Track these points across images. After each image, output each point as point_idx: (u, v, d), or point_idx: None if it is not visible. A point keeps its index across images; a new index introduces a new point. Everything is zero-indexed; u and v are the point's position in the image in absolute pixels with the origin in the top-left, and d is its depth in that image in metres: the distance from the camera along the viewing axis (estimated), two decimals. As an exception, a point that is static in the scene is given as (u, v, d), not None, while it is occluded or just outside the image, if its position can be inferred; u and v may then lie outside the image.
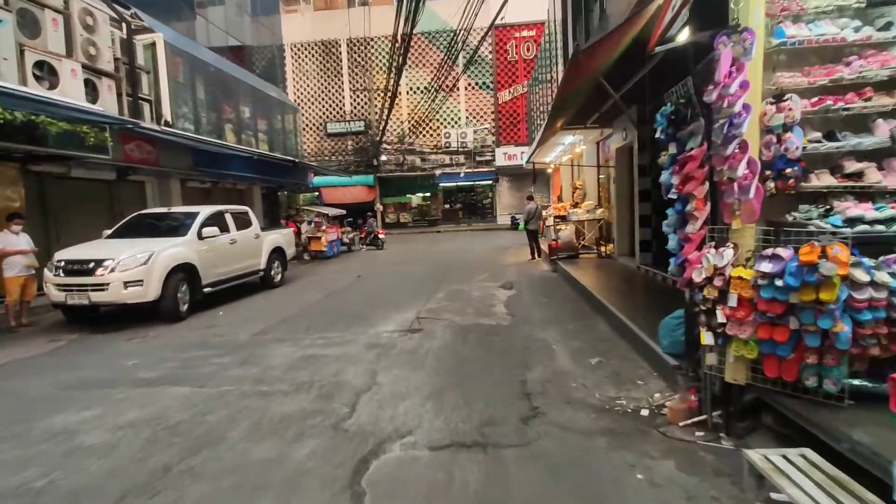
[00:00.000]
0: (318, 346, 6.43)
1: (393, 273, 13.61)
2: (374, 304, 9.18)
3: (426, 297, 9.60)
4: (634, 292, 7.97)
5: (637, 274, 9.15)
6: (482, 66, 31.33)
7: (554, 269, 11.68)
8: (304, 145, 31.62)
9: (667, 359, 4.46)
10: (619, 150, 10.65)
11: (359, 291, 10.78)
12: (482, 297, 9.36)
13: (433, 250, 19.63)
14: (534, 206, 13.98)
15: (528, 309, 8.08)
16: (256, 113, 17.66)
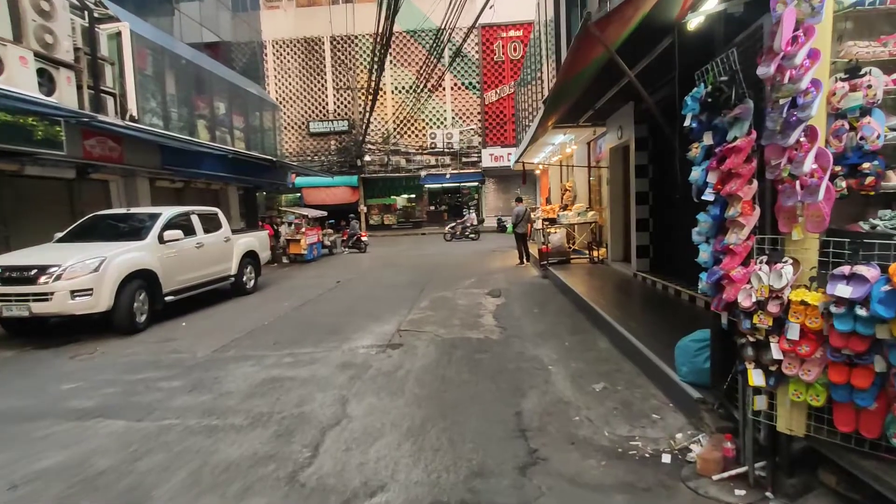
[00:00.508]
0: (285, 366, 5.66)
1: (374, 278, 12.84)
2: (351, 313, 8.43)
3: (409, 305, 8.86)
4: (634, 303, 7.32)
5: (634, 282, 8.51)
6: (468, 66, 30.69)
7: (544, 275, 11.02)
8: (285, 145, 30.70)
9: (686, 388, 3.78)
10: (613, 149, 10.03)
11: (336, 299, 10.00)
12: (469, 306, 8.65)
13: (417, 253, 18.88)
14: (522, 208, 13.32)
15: (519, 321, 7.38)
16: (233, 109, 16.77)
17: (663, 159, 8.23)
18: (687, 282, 7.18)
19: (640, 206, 8.55)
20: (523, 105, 20.95)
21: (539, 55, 15.30)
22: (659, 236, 8.44)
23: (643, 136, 8.48)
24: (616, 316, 6.17)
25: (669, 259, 8.15)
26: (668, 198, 8.10)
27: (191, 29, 16.19)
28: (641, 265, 8.63)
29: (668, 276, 7.88)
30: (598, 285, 8.55)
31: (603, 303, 7.01)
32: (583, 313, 7.38)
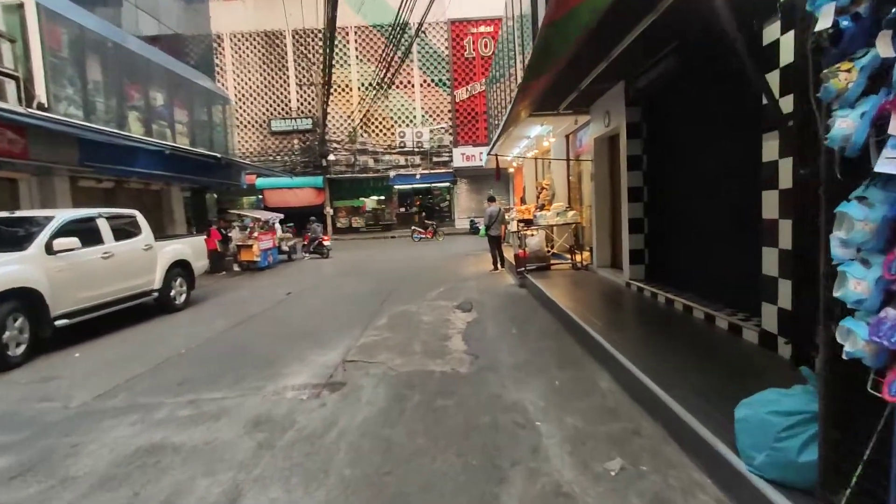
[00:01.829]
0: (177, 424, 4.10)
1: (331, 289, 11.26)
2: (293, 336, 6.88)
3: (363, 324, 7.35)
4: (635, 323, 5.95)
5: (628, 293, 7.18)
6: (438, 63, 29.27)
7: (521, 284, 9.63)
8: (246, 144, 28.78)
9: (762, 487, 2.37)
10: (599, 140, 8.71)
11: (280, 317, 8.42)
12: (434, 323, 7.18)
13: (384, 258, 17.33)
14: (496, 208, 11.93)
15: (494, 344, 5.95)
16: (174, 101, 14.94)
17: (660, 147, 6.93)
18: (696, 295, 5.87)
19: (633, 205, 7.23)
20: (495, 103, 19.61)
21: (510, 51, 13.95)
22: (655, 239, 7.14)
23: (635, 122, 7.16)
24: (617, 342, 4.79)
25: (668, 266, 6.85)
26: (666, 193, 6.80)
27: (127, 12, 14.33)
28: (635, 273, 7.31)
29: (670, 286, 6.58)
30: (585, 298, 7.19)
31: (596, 322, 5.63)
32: (572, 335, 5.99)
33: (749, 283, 4.63)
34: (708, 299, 5.63)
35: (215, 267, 14.85)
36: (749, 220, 4.65)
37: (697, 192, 5.93)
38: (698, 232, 5.94)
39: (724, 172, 5.25)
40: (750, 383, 3.07)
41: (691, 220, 6.15)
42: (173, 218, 15.92)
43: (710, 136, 5.59)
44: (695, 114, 5.94)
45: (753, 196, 4.43)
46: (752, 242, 4.53)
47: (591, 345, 5.21)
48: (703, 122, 5.72)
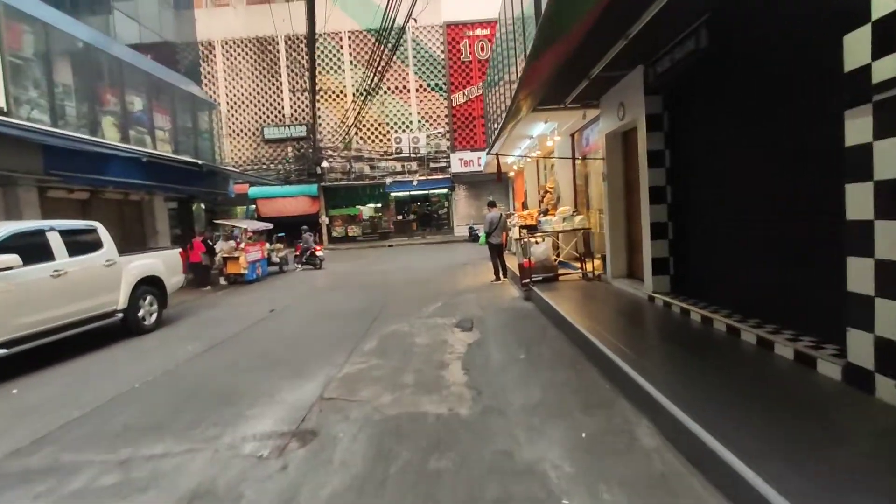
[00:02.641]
0: (93, 498, 3.13)
1: (319, 304, 10.28)
2: (267, 364, 5.93)
3: (349, 348, 6.39)
4: (674, 350, 4.88)
5: (653, 310, 6.19)
6: (434, 67, 28.44)
7: (527, 296, 8.67)
8: (238, 153, 27.91)
9: None
10: (611, 136, 7.77)
11: (257, 339, 7.44)
12: (430, 347, 6.21)
13: (379, 269, 16.37)
14: (496, 214, 10.97)
15: (499, 375, 4.97)
16: (154, 106, 14.04)
17: (686, 141, 5.99)
18: (738, 311, 4.91)
19: (655, 207, 6.28)
20: (493, 106, 18.72)
21: (506, 55, 13.05)
22: (682, 246, 6.19)
23: (656, 113, 6.23)
24: (653, 376, 3.83)
25: (699, 276, 5.90)
26: (695, 192, 5.86)
27: (103, 12, 13.45)
28: (659, 285, 6.34)
29: (702, 300, 5.63)
30: (603, 315, 6.22)
31: (623, 348, 4.66)
32: (593, 363, 5.01)
33: (818, 300, 3.69)
34: (756, 318, 4.68)
35: (201, 281, 13.92)
36: (816, 220, 3.71)
37: (739, 189, 4.99)
38: (740, 236, 5.00)
39: (778, 164, 4.31)
40: (860, 442, 2.15)
41: (731, 223, 5.20)
42: (156, 230, 14.98)
43: (754, 122, 4.65)
44: (732, 97, 5.01)
45: (822, 191, 3.49)
46: (824, 248, 3.58)
47: (619, 378, 4.24)
48: (744, 106, 4.79)
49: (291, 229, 21.82)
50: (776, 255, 4.45)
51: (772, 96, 4.37)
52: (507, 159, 14.80)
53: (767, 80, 4.41)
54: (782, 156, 4.26)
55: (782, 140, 4.26)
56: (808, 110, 3.89)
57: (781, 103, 4.24)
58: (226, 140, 27.99)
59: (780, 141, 4.30)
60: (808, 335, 4.02)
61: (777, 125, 4.33)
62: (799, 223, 4.07)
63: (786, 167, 4.22)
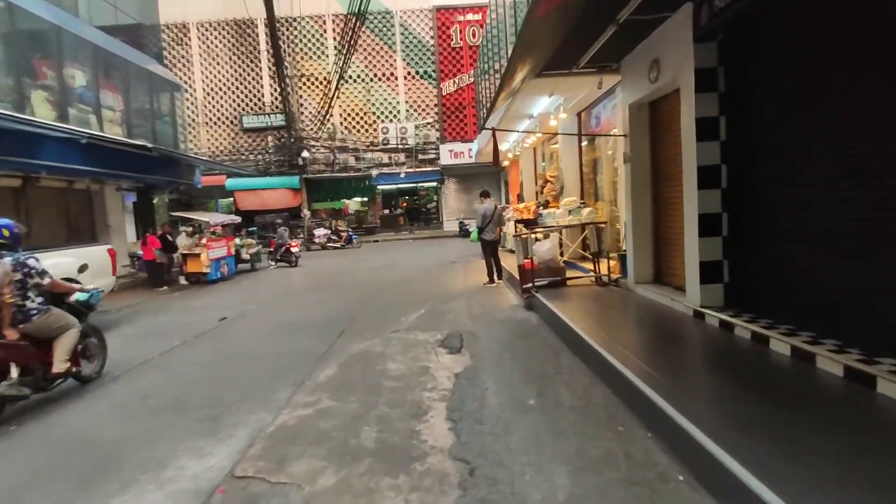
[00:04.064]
0: None
1: (283, 310, 8.60)
2: (179, 407, 4.28)
3: (298, 378, 4.74)
4: (773, 407, 3.14)
5: (703, 330, 4.54)
6: (423, 53, 26.65)
7: (529, 305, 7.04)
8: (216, 142, 25.99)
9: None
10: (637, 107, 6.13)
11: (185, 363, 5.75)
12: (405, 378, 4.57)
13: (359, 267, 14.67)
14: (490, 206, 9.33)
15: (501, 440, 3.32)
16: (103, 83, 12.19)
17: (749, 104, 4.38)
18: (832, 335, 3.32)
19: (705, 193, 4.65)
20: (485, 96, 17.03)
21: (499, 37, 11.37)
22: (741, 245, 4.58)
23: (709, 67, 4.59)
24: (769, 466, 2.21)
25: (766, 286, 4.30)
26: (762, 174, 4.25)
27: None
28: (710, 296, 4.72)
29: (774, 320, 4.03)
30: (640, 340, 4.58)
31: (693, 404, 3.04)
32: (643, 420, 3.36)
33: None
34: (860, 346, 3.10)
35: (155, 281, 12.15)
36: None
37: (833, 169, 3.41)
38: (837, 233, 3.41)
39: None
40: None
41: (817, 216, 3.62)
42: (107, 223, 13.16)
43: (860, 77, 3.05)
44: (826, 43, 3.41)
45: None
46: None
47: (699, 458, 2.61)
48: (844, 54, 3.19)
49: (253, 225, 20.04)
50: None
51: (887, 40, 2.77)
52: (503, 144, 13.13)
53: (883, 14, 2.81)
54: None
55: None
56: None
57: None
58: (202, 129, 26.09)
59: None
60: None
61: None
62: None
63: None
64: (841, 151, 3.49)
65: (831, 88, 3.54)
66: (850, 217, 3.42)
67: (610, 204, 8.60)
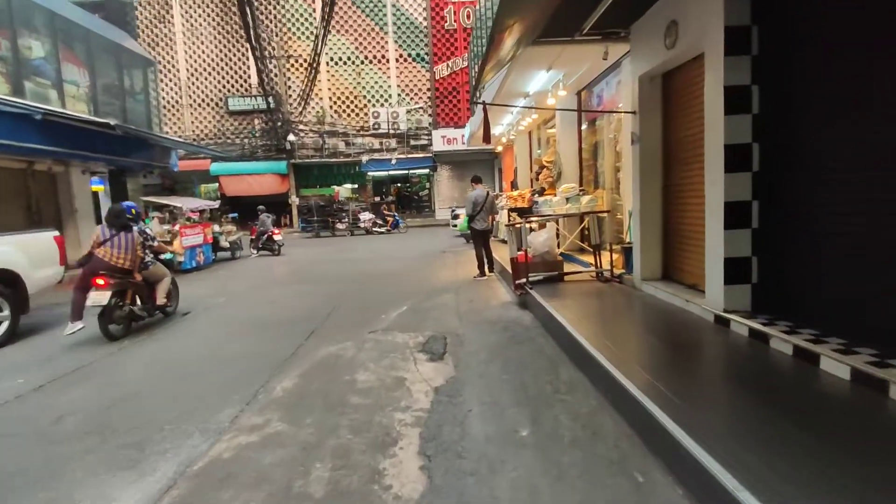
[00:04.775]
0: None
1: (254, 304, 7.84)
2: (97, 429, 3.53)
3: (250, 391, 4.00)
4: (832, 451, 2.46)
5: (729, 339, 3.80)
6: (415, 35, 25.63)
7: (522, 303, 6.31)
8: (200, 125, 24.96)
9: None
10: (648, 79, 5.36)
11: (129, 367, 4.98)
12: (374, 395, 3.83)
13: (346, 257, 13.89)
14: (482, 192, 8.56)
15: (487, 484, 2.59)
16: (65, 56, 11.23)
17: (789, 70, 3.62)
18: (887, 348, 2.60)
19: (733, 177, 3.90)
20: (477, 79, 16.15)
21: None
22: (775, 239, 3.85)
23: (741, 25, 3.82)
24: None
25: (805, 287, 3.58)
26: (805, 154, 3.51)
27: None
28: (735, 298, 3.99)
29: (814, 328, 3.33)
30: (655, 351, 3.83)
31: (729, 445, 2.32)
32: (666, 462, 2.65)
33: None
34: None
35: (122, 270, 11.27)
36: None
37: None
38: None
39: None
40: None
41: (878, 206, 2.89)
42: (73, 207, 12.27)
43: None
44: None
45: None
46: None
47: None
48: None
49: (267, 208, 19.13)
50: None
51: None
52: (496, 128, 12.32)
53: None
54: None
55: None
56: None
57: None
58: (186, 111, 25.03)
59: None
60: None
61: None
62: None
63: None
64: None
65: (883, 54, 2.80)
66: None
67: (611, 191, 7.86)
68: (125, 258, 5.92)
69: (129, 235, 5.99)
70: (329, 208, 22.05)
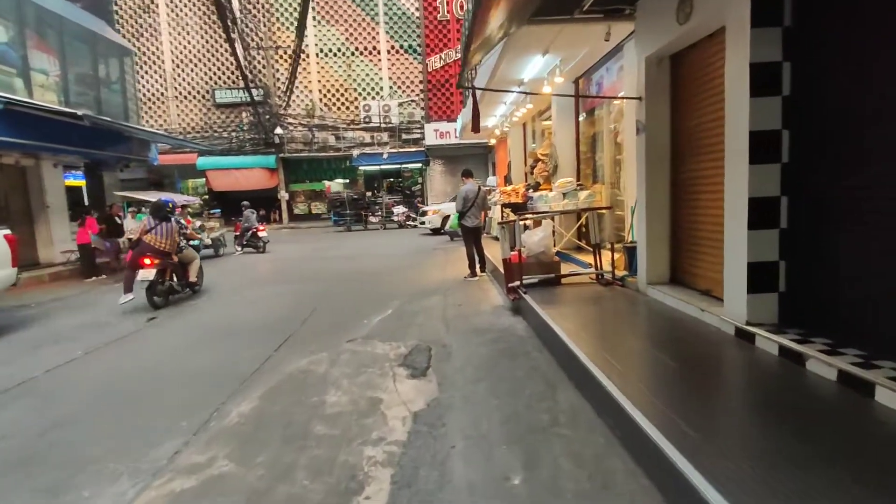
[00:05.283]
0: None
1: (226, 308, 7.26)
2: (15, 469, 2.93)
3: (202, 418, 3.45)
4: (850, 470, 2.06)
5: (753, 357, 3.25)
6: (407, 26, 24.91)
7: (516, 308, 5.76)
8: (186, 118, 24.20)
9: None
10: (655, 60, 4.79)
11: (67, 391, 4.38)
12: (344, 420, 3.28)
13: (334, 254, 13.29)
14: (473, 187, 7.99)
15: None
16: (33, 42, 10.54)
17: (831, 42, 3.07)
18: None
19: (759, 169, 3.35)
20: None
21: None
22: (807, 241, 3.30)
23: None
24: None
25: (840, 296, 3.05)
26: (849, 140, 2.96)
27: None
28: (760, 309, 3.44)
29: (872, 352, 2.79)
30: (671, 376, 3.24)
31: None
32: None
33: None
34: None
35: (88, 270, 10.63)
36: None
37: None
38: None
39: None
40: None
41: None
42: (45, 203, 11.61)
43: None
44: None
45: None
46: None
47: None
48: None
49: (253, 204, 18.44)
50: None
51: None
52: (488, 119, 11.72)
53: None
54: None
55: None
56: None
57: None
58: (171, 103, 24.25)
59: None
60: None
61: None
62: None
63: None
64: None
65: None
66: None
67: (611, 186, 7.30)
68: (166, 243, 7.20)
69: (169, 225, 7.32)
70: (361, 202, 21.65)
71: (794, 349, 3.02)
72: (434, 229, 17.02)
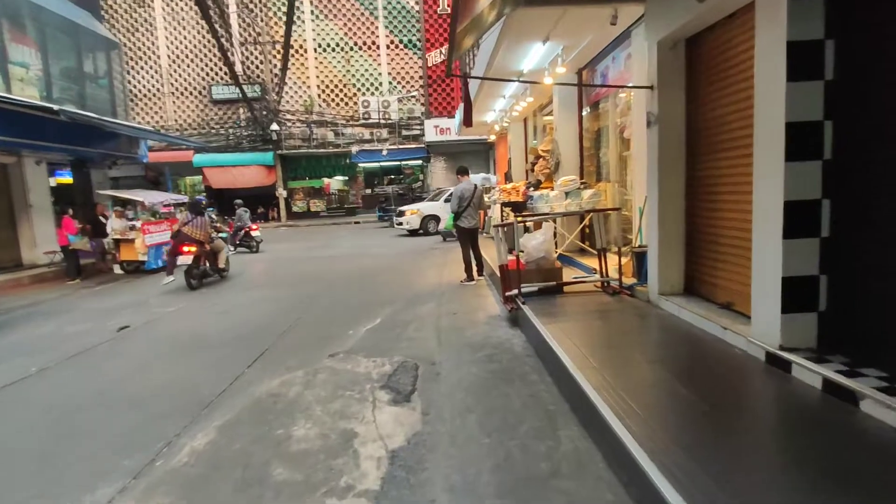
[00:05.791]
0: None
1: (204, 315, 6.78)
2: None
3: (146, 456, 2.97)
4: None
5: (794, 393, 2.77)
6: (407, 20, 24.33)
7: (513, 320, 5.25)
8: (183, 115, 23.72)
9: None
10: (668, 44, 4.27)
11: (7, 419, 3.92)
12: (311, 460, 2.79)
13: (328, 254, 12.79)
14: (469, 185, 7.47)
15: None
16: (12, 35, 10.05)
17: (886, 14, 2.55)
18: None
19: (795, 167, 2.85)
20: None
21: None
22: (849, 252, 2.79)
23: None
24: None
25: (887, 318, 2.54)
26: (891, 134, 2.43)
27: None
28: (795, 331, 2.94)
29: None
30: (695, 416, 2.71)
31: None
32: None
33: None
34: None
35: (71, 270, 10.18)
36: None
37: None
38: None
39: None
40: None
41: None
42: (28, 202, 11.15)
43: None
44: None
45: None
46: None
47: None
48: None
49: (250, 202, 17.98)
50: None
51: None
52: (487, 114, 11.17)
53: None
54: None
55: None
56: None
57: None
58: (167, 99, 23.77)
59: None
60: None
61: None
62: None
63: None
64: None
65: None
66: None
67: (617, 185, 6.78)
68: (201, 233, 8.45)
69: (203, 219, 8.66)
70: (408, 197, 21.38)
71: (845, 385, 2.50)
72: (412, 230, 16.19)
